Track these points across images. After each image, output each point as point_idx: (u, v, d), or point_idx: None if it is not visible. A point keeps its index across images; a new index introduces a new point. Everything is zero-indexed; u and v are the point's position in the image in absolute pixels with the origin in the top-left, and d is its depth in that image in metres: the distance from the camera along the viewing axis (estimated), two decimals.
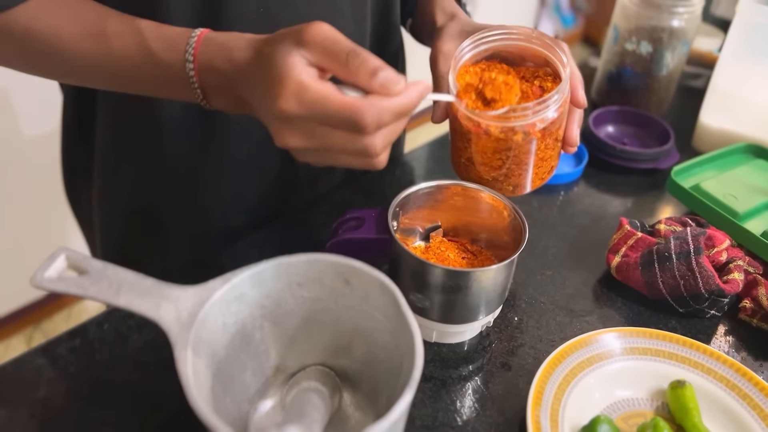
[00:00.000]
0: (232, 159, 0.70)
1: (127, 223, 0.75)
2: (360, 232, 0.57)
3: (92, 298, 0.42)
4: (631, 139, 0.89)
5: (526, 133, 0.55)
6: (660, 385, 0.56)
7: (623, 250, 0.66)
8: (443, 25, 0.67)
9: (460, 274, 0.52)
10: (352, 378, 0.51)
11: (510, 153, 0.57)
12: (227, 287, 0.43)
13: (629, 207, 0.79)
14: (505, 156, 0.57)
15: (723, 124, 0.86)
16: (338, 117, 0.43)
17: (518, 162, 0.58)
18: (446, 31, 0.66)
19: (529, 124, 0.55)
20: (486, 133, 0.55)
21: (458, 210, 0.62)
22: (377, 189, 0.79)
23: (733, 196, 0.71)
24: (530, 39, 0.59)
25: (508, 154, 0.57)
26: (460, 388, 0.56)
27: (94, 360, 0.56)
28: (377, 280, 0.44)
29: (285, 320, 0.49)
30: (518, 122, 0.54)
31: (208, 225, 0.75)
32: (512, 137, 0.55)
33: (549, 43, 0.58)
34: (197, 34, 0.50)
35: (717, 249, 0.64)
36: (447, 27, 0.66)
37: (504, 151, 0.57)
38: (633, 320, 0.63)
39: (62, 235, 1.74)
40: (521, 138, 0.55)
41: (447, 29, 0.66)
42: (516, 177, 0.60)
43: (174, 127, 0.66)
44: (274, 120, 0.45)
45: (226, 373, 0.45)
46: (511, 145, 0.56)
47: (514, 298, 0.65)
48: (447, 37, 0.65)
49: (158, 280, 0.43)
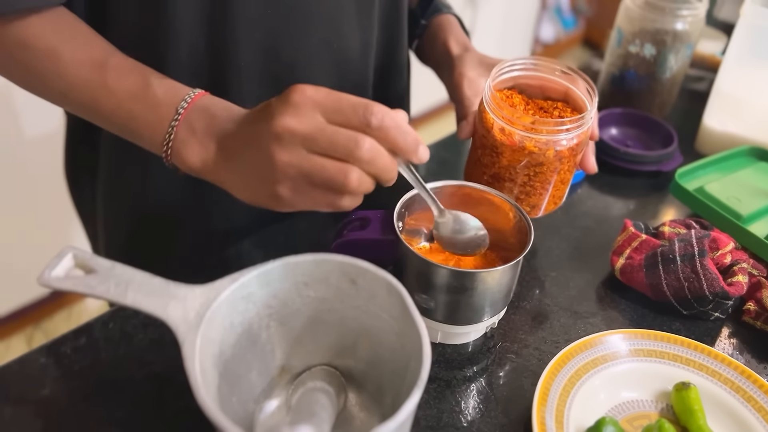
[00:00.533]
0: None
1: (132, 223, 0.75)
2: (365, 233, 0.57)
3: (99, 296, 0.42)
4: (635, 141, 0.89)
5: (557, 151, 0.59)
6: (665, 387, 0.56)
7: (627, 252, 0.66)
8: (460, 55, 0.71)
9: (465, 275, 0.53)
10: (357, 378, 0.51)
11: (539, 169, 0.60)
12: (235, 287, 0.43)
13: (633, 209, 0.80)
14: (533, 172, 0.60)
15: (726, 126, 0.86)
16: (350, 104, 0.45)
17: (543, 180, 0.61)
18: (467, 60, 0.70)
19: (566, 140, 0.58)
20: (521, 146, 0.58)
21: (463, 211, 0.62)
22: (382, 191, 0.79)
23: (737, 199, 0.72)
24: (554, 71, 0.63)
25: (537, 170, 0.60)
26: (464, 389, 0.56)
27: (99, 359, 0.56)
28: (384, 280, 0.45)
29: (291, 320, 0.49)
30: (560, 136, 0.58)
31: (213, 224, 0.75)
32: (545, 152, 0.58)
33: (573, 75, 0.63)
34: (200, 91, 0.53)
35: (721, 251, 0.64)
36: (466, 56, 0.71)
37: (534, 166, 0.60)
38: (637, 322, 0.63)
39: (64, 234, 1.74)
40: (552, 154, 0.59)
41: (467, 58, 0.70)
42: (536, 196, 0.63)
43: None
44: (271, 139, 0.46)
45: (233, 372, 0.45)
46: (542, 160, 0.59)
47: (518, 300, 0.65)
48: (469, 65, 0.70)
49: (166, 280, 0.44)
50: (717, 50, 1.09)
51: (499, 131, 0.59)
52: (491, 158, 0.61)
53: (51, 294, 1.80)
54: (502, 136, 0.59)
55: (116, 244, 0.79)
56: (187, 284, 0.43)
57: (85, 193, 0.82)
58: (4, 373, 0.53)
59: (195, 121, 0.52)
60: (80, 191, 0.83)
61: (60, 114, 0.77)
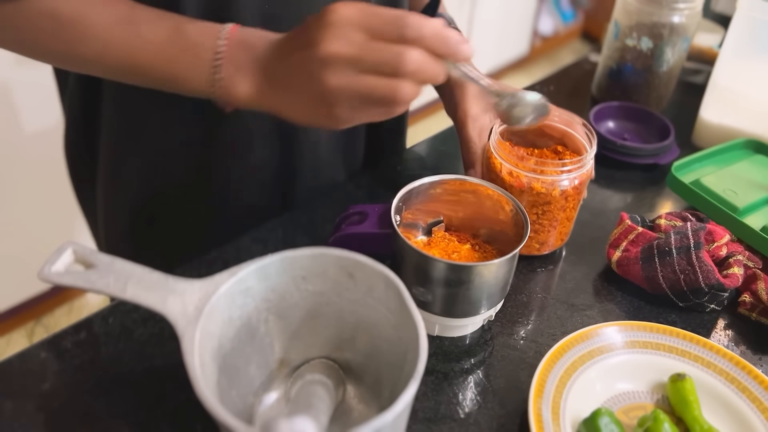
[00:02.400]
0: (238, 152, 0.70)
1: (132, 219, 0.76)
2: (363, 227, 0.57)
3: (99, 291, 0.43)
4: (632, 134, 0.90)
5: (563, 191, 0.62)
6: (660, 378, 0.56)
7: (624, 244, 0.67)
8: (462, 84, 0.72)
9: (462, 269, 0.53)
10: (356, 370, 0.52)
11: (546, 208, 0.63)
12: (233, 281, 0.44)
13: (629, 202, 0.80)
14: (541, 211, 0.64)
15: (723, 119, 0.86)
16: (385, 19, 0.46)
17: (550, 218, 0.64)
18: (469, 93, 0.71)
19: (569, 180, 0.62)
20: (529, 187, 0.62)
21: (460, 204, 0.63)
22: (379, 184, 0.80)
23: (733, 192, 0.72)
24: (553, 117, 0.67)
25: (545, 208, 0.64)
26: (462, 381, 0.56)
27: (99, 353, 0.56)
28: (381, 274, 0.45)
29: (289, 313, 0.49)
30: (562, 177, 0.62)
31: (212, 218, 0.75)
32: (551, 192, 0.62)
33: (569, 119, 0.66)
34: (232, 25, 0.53)
35: (717, 244, 0.64)
36: (468, 88, 0.71)
37: (542, 205, 0.63)
38: (633, 314, 0.64)
39: (65, 230, 1.74)
40: (558, 193, 0.62)
41: (469, 90, 0.71)
42: (544, 234, 0.66)
43: (181, 119, 0.67)
44: (320, 66, 0.47)
45: (232, 365, 0.46)
46: (549, 199, 0.63)
47: (515, 293, 0.65)
48: (471, 99, 0.71)
49: (165, 274, 0.44)
50: (714, 43, 1.09)
51: (507, 174, 0.63)
52: None
53: (52, 289, 1.81)
54: (510, 179, 0.63)
55: (116, 239, 0.79)
56: (186, 278, 0.44)
57: (85, 188, 0.82)
58: (5, 368, 0.54)
59: (237, 56, 0.52)
60: (82, 187, 0.83)
61: (59, 107, 0.77)
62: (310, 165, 0.75)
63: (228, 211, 0.75)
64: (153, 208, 0.74)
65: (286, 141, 0.72)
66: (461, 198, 0.62)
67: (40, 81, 1.39)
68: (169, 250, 0.77)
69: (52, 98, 1.38)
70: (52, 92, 1.06)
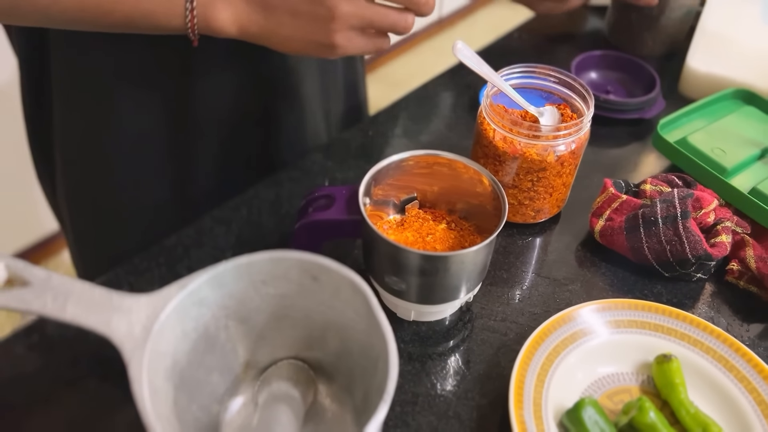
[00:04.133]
0: (198, 112, 0.66)
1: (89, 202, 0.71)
2: (330, 213, 0.53)
3: (36, 312, 0.39)
4: (615, 85, 0.85)
5: (559, 156, 0.59)
6: (645, 358, 0.54)
7: (607, 213, 0.63)
8: None
9: (437, 259, 0.49)
10: (327, 369, 0.49)
11: (542, 174, 0.60)
12: (184, 294, 0.40)
13: (613, 161, 0.76)
14: (536, 177, 0.61)
15: (711, 68, 0.81)
16: None
17: (546, 185, 0.62)
18: None
19: (565, 144, 0.59)
20: (522, 154, 0.59)
21: (435, 177, 0.59)
22: (349, 153, 0.75)
23: (721, 150, 0.68)
24: (549, 76, 0.64)
25: (540, 175, 0.60)
26: (440, 369, 0.54)
27: (54, 357, 0.53)
28: (347, 279, 0.41)
29: (252, 317, 0.46)
30: (558, 141, 0.58)
31: (172, 195, 0.71)
32: (546, 158, 0.59)
33: (569, 81, 0.63)
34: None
35: (704, 210, 0.61)
36: None
37: (537, 172, 0.60)
38: (617, 286, 0.61)
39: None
40: (554, 159, 0.59)
41: None
42: (540, 201, 0.63)
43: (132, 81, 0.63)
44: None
45: (190, 379, 0.43)
46: (545, 166, 0.60)
47: (494, 268, 0.62)
48: None
49: (108, 290, 0.40)
50: None
51: (500, 140, 0.60)
52: (494, 167, 0.62)
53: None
54: (504, 145, 0.60)
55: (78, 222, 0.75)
56: (132, 294, 0.40)
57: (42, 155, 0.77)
58: None
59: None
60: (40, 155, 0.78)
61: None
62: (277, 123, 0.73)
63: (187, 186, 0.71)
64: (108, 191, 0.70)
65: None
66: (435, 171, 0.58)
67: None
68: (124, 236, 0.73)
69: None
70: None
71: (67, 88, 0.65)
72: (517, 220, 0.65)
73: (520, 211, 0.64)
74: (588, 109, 0.60)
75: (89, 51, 0.62)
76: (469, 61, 0.59)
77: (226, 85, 0.68)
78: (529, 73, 0.64)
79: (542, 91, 0.65)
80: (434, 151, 0.56)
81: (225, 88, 0.68)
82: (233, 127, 0.71)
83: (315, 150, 0.75)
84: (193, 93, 0.66)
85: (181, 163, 0.71)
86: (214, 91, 0.68)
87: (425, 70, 1.32)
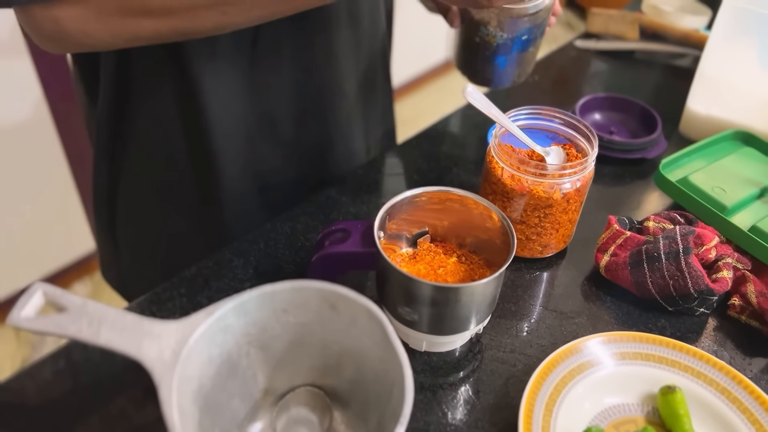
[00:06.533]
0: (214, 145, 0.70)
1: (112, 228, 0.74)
2: (346, 246, 0.56)
3: (72, 337, 0.41)
4: (618, 126, 0.88)
5: (565, 193, 0.62)
6: (650, 389, 0.56)
7: (612, 249, 0.66)
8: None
9: (449, 290, 0.52)
10: (342, 396, 0.51)
11: (548, 211, 0.63)
12: (211, 321, 0.42)
13: (617, 199, 0.79)
14: (543, 214, 0.63)
15: (711, 110, 0.85)
16: None
17: (552, 221, 0.64)
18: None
19: (570, 182, 0.61)
20: (529, 191, 0.62)
21: (446, 213, 0.61)
22: (362, 189, 0.78)
23: (721, 189, 0.71)
24: (555, 117, 0.67)
25: (546, 212, 0.63)
26: (451, 399, 0.56)
27: (79, 382, 0.55)
28: (364, 307, 0.44)
29: (271, 344, 0.48)
30: (564, 179, 0.61)
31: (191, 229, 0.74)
32: (552, 195, 0.62)
33: (573, 122, 0.66)
34: None
35: (706, 247, 0.63)
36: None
37: (543, 208, 0.63)
38: (622, 320, 0.63)
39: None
40: (560, 196, 0.62)
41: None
42: (547, 236, 0.66)
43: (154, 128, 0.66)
44: None
45: (213, 403, 0.45)
46: (551, 203, 0.62)
47: (503, 301, 0.64)
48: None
49: (139, 316, 0.42)
50: (701, 25, 1.07)
51: (508, 178, 0.62)
52: (502, 203, 0.64)
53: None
54: (512, 183, 0.62)
55: None
56: (162, 320, 0.42)
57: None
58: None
59: None
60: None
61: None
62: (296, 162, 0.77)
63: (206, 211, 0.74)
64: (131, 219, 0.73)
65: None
66: (447, 206, 0.61)
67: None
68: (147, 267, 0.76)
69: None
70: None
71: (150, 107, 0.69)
72: (525, 254, 0.68)
73: (527, 246, 0.67)
74: (592, 149, 0.63)
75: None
76: (479, 103, 0.63)
77: (282, 111, 0.73)
78: (535, 115, 0.67)
79: (548, 131, 0.68)
80: (446, 188, 0.59)
81: (281, 113, 0.73)
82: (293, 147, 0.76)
83: (331, 184, 0.78)
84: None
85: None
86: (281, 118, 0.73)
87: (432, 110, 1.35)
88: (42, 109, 1.54)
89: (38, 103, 1.53)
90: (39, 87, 1.51)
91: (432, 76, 2.84)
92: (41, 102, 1.53)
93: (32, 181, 1.61)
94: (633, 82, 1.04)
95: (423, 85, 2.80)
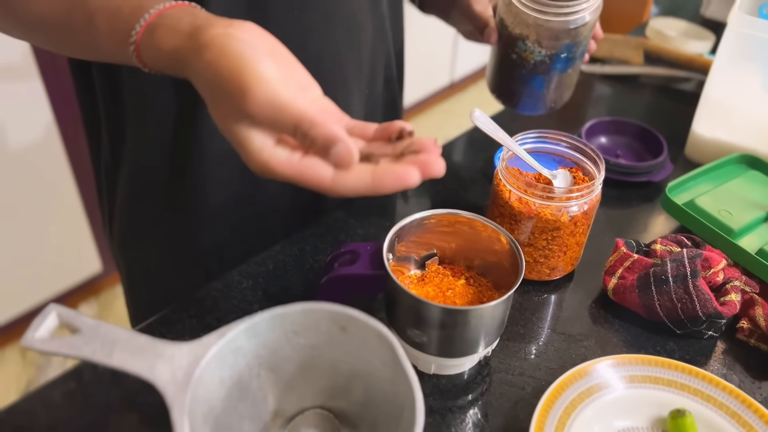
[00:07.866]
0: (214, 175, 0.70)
1: None
2: (355, 268, 0.56)
3: (85, 358, 0.42)
4: (624, 149, 0.89)
5: (572, 216, 0.62)
6: (660, 413, 0.56)
7: (619, 271, 0.66)
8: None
9: (458, 312, 0.52)
10: (352, 419, 0.51)
11: (556, 233, 0.63)
12: (222, 342, 0.43)
13: (623, 222, 0.79)
14: (551, 237, 0.64)
15: (716, 134, 0.85)
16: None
17: (560, 243, 0.64)
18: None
19: (578, 205, 0.62)
20: (537, 214, 0.62)
21: (454, 235, 0.62)
22: (370, 211, 0.78)
23: (728, 212, 0.71)
24: (561, 141, 0.68)
25: (554, 234, 0.63)
26: (460, 422, 0.55)
27: (89, 403, 0.55)
28: (374, 330, 0.44)
29: (282, 366, 0.48)
30: (571, 202, 0.62)
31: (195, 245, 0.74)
32: (560, 218, 0.62)
33: (580, 146, 0.67)
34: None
35: (713, 270, 0.64)
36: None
37: (551, 231, 0.63)
38: (631, 343, 0.63)
39: None
40: (567, 219, 0.62)
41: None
42: (554, 259, 0.66)
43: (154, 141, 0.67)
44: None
45: (224, 425, 0.45)
46: (559, 225, 0.62)
47: (512, 324, 0.64)
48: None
49: (152, 337, 0.43)
50: (705, 50, 1.08)
51: (516, 201, 0.63)
52: (510, 226, 0.65)
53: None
54: (519, 205, 0.63)
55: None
56: (174, 342, 0.43)
57: None
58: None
59: (171, 18, 0.47)
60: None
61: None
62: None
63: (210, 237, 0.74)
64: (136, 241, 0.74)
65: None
66: (455, 229, 0.61)
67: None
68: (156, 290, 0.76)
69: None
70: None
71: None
72: (533, 277, 0.68)
73: (535, 269, 0.67)
74: (599, 172, 0.64)
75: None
76: (486, 127, 0.63)
77: None
78: (542, 138, 0.68)
79: (555, 155, 0.69)
80: (455, 210, 0.60)
81: None
82: None
83: (337, 207, 0.78)
84: None
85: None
86: None
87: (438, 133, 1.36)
88: (52, 132, 1.56)
89: (49, 127, 1.55)
90: (50, 110, 1.54)
91: (437, 99, 2.86)
92: (52, 125, 1.55)
93: (40, 202, 1.63)
94: (638, 106, 1.05)
95: (428, 107, 2.82)
